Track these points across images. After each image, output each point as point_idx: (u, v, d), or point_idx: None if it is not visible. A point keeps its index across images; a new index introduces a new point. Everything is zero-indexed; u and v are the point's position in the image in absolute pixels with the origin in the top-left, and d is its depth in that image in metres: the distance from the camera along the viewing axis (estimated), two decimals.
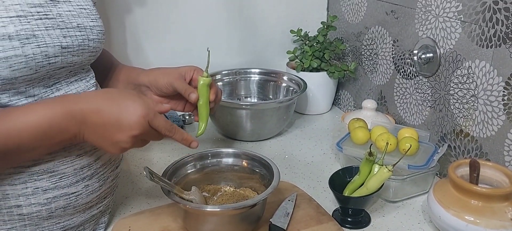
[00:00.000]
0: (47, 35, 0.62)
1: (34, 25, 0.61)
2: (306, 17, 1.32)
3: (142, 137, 0.65)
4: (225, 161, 0.83)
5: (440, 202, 0.75)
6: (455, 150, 0.94)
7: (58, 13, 0.65)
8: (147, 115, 0.64)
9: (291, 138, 1.15)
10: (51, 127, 0.60)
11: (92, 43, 0.69)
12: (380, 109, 1.14)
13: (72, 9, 0.68)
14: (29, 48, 0.60)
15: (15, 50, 0.59)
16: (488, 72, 0.84)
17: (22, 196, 0.64)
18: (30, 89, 0.63)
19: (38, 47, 0.61)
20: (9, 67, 0.58)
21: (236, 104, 1.14)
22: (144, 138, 0.66)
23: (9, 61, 0.58)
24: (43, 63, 0.62)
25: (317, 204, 0.84)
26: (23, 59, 0.59)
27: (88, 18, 0.69)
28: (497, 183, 0.78)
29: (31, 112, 0.60)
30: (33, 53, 0.60)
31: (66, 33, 0.65)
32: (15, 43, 0.59)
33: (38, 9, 0.63)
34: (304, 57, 1.25)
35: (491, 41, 0.82)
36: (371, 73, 1.18)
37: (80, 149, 0.68)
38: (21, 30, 0.60)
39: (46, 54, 0.62)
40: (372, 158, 0.79)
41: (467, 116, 0.90)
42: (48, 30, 0.63)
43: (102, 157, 0.72)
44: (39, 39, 0.61)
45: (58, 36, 0.64)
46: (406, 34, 1.04)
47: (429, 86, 0.99)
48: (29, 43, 0.60)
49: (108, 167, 0.74)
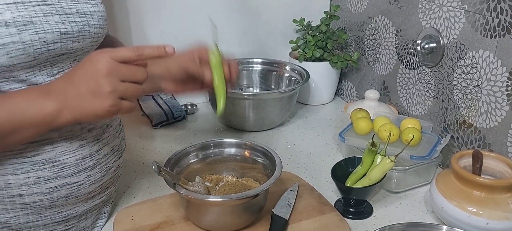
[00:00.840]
0: (45, 22, 0.62)
1: (31, 11, 0.61)
2: (308, 7, 1.31)
3: (116, 74, 0.59)
4: (227, 151, 0.83)
5: (442, 193, 0.75)
6: (458, 140, 0.93)
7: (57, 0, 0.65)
8: (104, 51, 0.60)
9: (293, 128, 1.15)
10: (28, 103, 0.59)
11: (93, 28, 0.69)
12: (383, 100, 1.14)
13: None
14: (26, 34, 0.59)
15: (12, 37, 0.58)
16: (492, 62, 0.83)
17: (25, 185, 0.64)
18: (32, 78, 0.63)
19: (35, 34, 0.60)
20: (6, 54, 0.58)
21: (238, 94, 1.13)
22: (120, 76, 0.60)
23: (6, 48, 0.58)
24: (41, 49, 0.61)
25: (319, 194, 0.84)
26: (21, 46, 0.59)
27: (88, 4, 0.68)
28: (500, 174, 0.77)
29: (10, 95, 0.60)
30: (31, 39, 0.60)
31: (65, 19, 0.64)
32: (12, 29, 0.58)
33: None
34: (306, 47, 1.24)
35: (495, 31, 0.81)
36: (374, 63, 1.18)
37: (82, 140, 0.68)
38: (18, 16, 0.59)
39: (44, 40, 0.61)
40: (374, 148, 0.79)
41: (470, 107, 0.89)
42: (47, 16, 0.62)
43: (104, 147, 0.72)
44: (37, 25, 0.61)
45: (57, 22, 0.63)
46: (410, 24, 1.03)
47: (432, 77, 0.98)
48: (27, 29, 0.60)
49: (111, 157, 0.74)
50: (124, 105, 0.61)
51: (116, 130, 0.76)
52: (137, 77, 0.62)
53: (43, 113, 0.59)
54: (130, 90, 0.61)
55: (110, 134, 0.74)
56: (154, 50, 0.63)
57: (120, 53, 0.60)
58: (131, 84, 0.61)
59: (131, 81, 0.61)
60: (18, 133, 0.60)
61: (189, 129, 1.14)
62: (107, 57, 0.59)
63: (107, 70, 0.59)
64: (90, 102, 0.59)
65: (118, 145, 0.76)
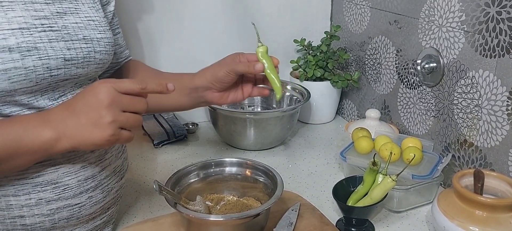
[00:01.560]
0: (50, 48, 0.62)
1: (36, 37, 0.61)
2: (309, 27, 1.32)
3: (117, 105, 0.60)
4: (228, 170, 0.83)
5: (444, 213, 0.75)
6: (459, 159, 0.93)
7: (63, 25, 0.65)
8: (108, 82, 0.60)
9: (294, 147, 1.15)
10: (26, 131, 0.58)
11: (99, 55, 0.69)
12: (384, 119, 1.14)
13: (80, 21, 0.67)
14: (29, 60, 0.60)
15: (14, 62, 0.58)
16: (492, 82, 0.84)
17: (26, 206, 0.64)
18: (34, 102, 0.63)
19: (39, 60, 0.61)
20: (8, 79, 0.58)
21: (239, 113, 1.14)
22: (121, 106, 0.60)
23: (8, 73, 0.58)
24: (44, 75, 0.61)
25: (320, 213, 0.83)
26: (23, 71, 0.59)
27: (95, 30, 0.69)
28: (501, 193, 0.77)
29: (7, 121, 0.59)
30: (34, 65, 0.60)
31: (71, 46, 0.65)
32: (15, 55, 0.58)
33: (43, 22, 0.63)
34: (307, 66, 1.25)
35: (495, 51, 0.82)
36: (375, 83, 1.18)
37: (85, 161, 0.68)
38: (23, 42, 0.59)
39: (47, 66, 0.61)
40: (376, 167, 0.79)
41: (471, 126, 0.90)
42: (52, 42, 0.63)
43: (106, 168, 0.72)
44: (41, 51, 0.61)
45: (62, 49, 0.63)
46: (410, 44, 1.04)
47: (433, 96, 0.99)
48: (30, 55, 0.60)
49: (113, 178, 0.74)
50: (124, 135, 0.61)
51: (118, 150, 0.76)
52: (137, 108, 0.62)
53: (40, 141, 0.59)
54: (130, 121, 0.61)
55: (113, 154, 0.74)
56: (156, 86, 0.64)
57: (123, 85, 0.61)
58: (131, 115, 0.61)
59: (131, 111, 0.61)
60: (14, 160, 0.59)
61: (190, 148, 1.15)
62: (110, 88, 0.59)
63: (109, 101, 0.59)
64: (90, 132, 0.59)
65: (120, 166, 0.76)
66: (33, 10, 0.62)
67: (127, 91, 0.61)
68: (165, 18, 1.17)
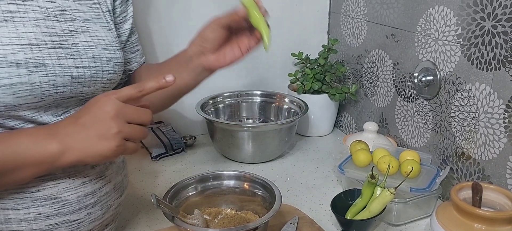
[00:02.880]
0: (58, 65, 0.62)
1: (45, 53, 0.61)
2: (307, 40, 1.33)
3: (123, 116, 0.60)
4: (226, 183, 0.83)
5: (443, 226, 0.75)
6: (457, 172, 0.93)
7: (74, 43, 0.65)
8: (110, 94, 0.61)
9: (292, 160, 1.15)
10: (34, 144, 0.59)
11: (107, 75, 0.69)
12: (382, 132, 1.14)
13: (90, 39, 0.67)
14: (36, 76, 0.60)
15: (21, 78, 0.58)
16: (489, 95, 0.84)
17: (24, 221, 0.63)
18: (38, 117, 0.63)
19: (46, 76, 0.61)
20: (13, 94, 0.58)
21: (237, 126, 1.14)
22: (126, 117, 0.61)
23: (13, 88, 0.58)
24: (49, 92, 0.62)
25: (319, 227, 0.83)
26: (29, 87, 0.59)
27: (105, 50, 0.69)
28: (500, 206, 0.77)
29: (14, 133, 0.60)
30: (40, 81, 0.60)
31: (79, 64, 0.65)
32: (22, 70, 0.58)
33: (53, 38, 0.63)
34: (305, 79, 1.26)
35: (491, 64, 0.83)
36: (372, 96, 1.19)
37: (85, 177, 0.67)
38: (31, 58, 0.59)
39: (54, 83, 0.62)
40: (374, 180, 0.79)
41: (468, 139, 0.90)
42: (60, 59, 0.63)
43: (106, 185, 0.71)
44: (48, 68, 0.61)
45: (70, 66, 0.63)
46: (406, 57, 1.05)
47: (430, 109, 0.99)
48: (37, 71, 0.60)
49: (112, 194, 0.73)
50: (129, 146, 0.62)
51: (119, 166, 0.76)
52: (142, 119, 0.63)
53: (46, 154, 0.59)
54: (136, 132, 0.62)
55: (113, 171, 0.73)
56: (154, 83, 0.63)
57: (123, 93, 0.62)
58: (136, 126, 0.62)
59: (136, 123, 0.62)
60: (18, 172, 0.59)
61: (188, 161, 1.14)
62: (113, 99, 0.60)
63: (114, 112, 0.60)
64: (97, 144, 0.60)
65: (120, 182, 0.76)
66: (44, 26, 0.62)
67: (128, 98, 0.62)
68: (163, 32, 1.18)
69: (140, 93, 0.62)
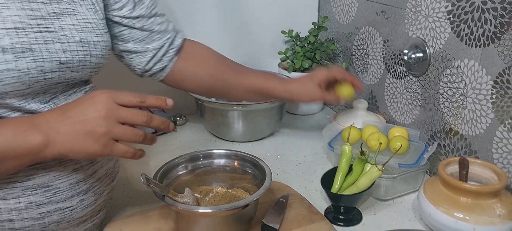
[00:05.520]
0: (45, 49, 0.60)
1: (32, 38, 0.59)
2: (297, 18, 1.32)
3: (114, 116, 0.58)
4: (217, 162, 0.83)
5: (430, 200, 0.76)
6: (444, 148, 0.95)
7: (60, 27, 0.62)
8: (106, 92, 0.59)
9: (283, 138, 1.16)
10: (15, 135, 0.56)
11: (95, 59, 0.67)
12: (371, 109, 1.15)
13: (77, 22, 0.65)
14: (23, 62, 0.57)
15: (7, 64, 0.56)
16: (477, 71, 0.85)
17: (15, 210, 0.62)
18: (25, 105, 0.61)
19: (33, 62, 0.58)
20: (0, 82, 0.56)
21: (227, 105, 1.14)
22: (118, 118, 0.59)
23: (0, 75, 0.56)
24: (37, 78, 0.59)
25: (309, 203, 0.84)
26: (16, 74, 0.57)
27: (92, 33, 0.66)
28: (486, 180, 0.78)
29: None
30: (28, 67, 0.58)
31: (67, 48, 0.62)
32: (8, 56, 0.56)
33: (39, 22, 0.60)
34: (295, 57, 1.25)
35: (480, 41, 0.83)
36: (362, 73, 1.19)
37: (76, 164, 0.66)
38: (17, 42, 0.57)
39: (42, 69, 0.59)
40: (364, 157, 0.80)
41: (456, 115, 0.91)
42: (47, 44, 0.60)
43: (98, 171, 0.70)
44: (36, 53, 0.59)
45: (58, 51, 0.61)
46: (396, 34, 1.04)
47: (419, 86, 1.00)
48: (24, 57, 0.58)
49: (105, 180, 0.72)
50: (118, 148, 0.60)
51: None
52: (136, 121, 0.60)
53: (29, 146, 0.57)
54: (127, 134, 0.60)
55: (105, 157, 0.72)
56: (156, 100, 0.63)
57: (122, 96, 0.60)
58: (128, 128, 0.60)
59: (129, 124, 0.60)
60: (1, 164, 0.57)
61: (178, 140, 1.14)
62: (108, 98, 0.58)
63: (106, 112, 0.58)
64: (82, 141, 0.58)
65: (112, 168, 0.75)
66: (29, 9, 0.60)
67: (126, 103, 0.60)
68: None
69: (141, 104, 0.61)
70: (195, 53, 0.88)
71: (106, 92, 0.59)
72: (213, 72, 0.89)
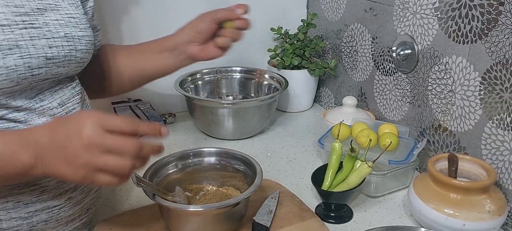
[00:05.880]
0: (32, 46, 0.59)
1: (18, 35, 0.58)
2: (286, 15, 1.32)
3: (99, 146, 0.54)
4: (207, 160, 0.83)
5: (420, 196, 0.77)
6: (434, 144, 0.95)
7: (44, 22, 0.62)
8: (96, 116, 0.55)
9: (273, 136, 1.15)
10: (1, 154, 0.55)
11: (80, 53, 0.66)
12: (361, 106, 1.16)
13: (60, 18, 0.65)
14: (11, 59, 0.57)
15: None
16: (465, 67, 0.85)
17: (3, 210, 0.61)
18: (12, 102, 0.60)
19: (20, 58, 0.58)
20: None
21: (217, 102, 1.13)
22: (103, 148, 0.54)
23: None
24: (25, 75, 0.59)
25: (300, 200, 0.84)
26: (4, 71, 0.56)
27: (76, 28, 0.66)
28: (475, 176, 0.79)
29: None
30: (15, 64, 0.57)
31: (52, 44, 0.62)
32: None
33: (24, 18, 0.60)
34: (285, 55, 1.25)
35: (468, 37, 0.84)
36: (351, 70, 1.19)
37: None
38: (4, 40, 0.57)
39: (29, 65, 0.59)
40: (354, 154, 0.80)
41: (445, 111, 0.92)
42: (33, 40, 0.60)
43: None
44: (22, 49, 0.58)
45: (43, 47, 0.61)
46: (385, 31, 1.05)
47: (408, 82, 1.00)
48: (12, 54, 0.57)
49: None
50: (99, 179, 0.55)
51: None
52: (123, 152, 0.55)
53: (17, 165, 0.55)
54: (110, 165, 0.54)
55: None
56: (149, 129, 0.59)
57: (112, 123, 0.55)
58: (113, 159, 0.54)
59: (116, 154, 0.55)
60: None
61: (168, 139, 1.13)
62: (96, 125, 0.54)
63: (89, 140, 0.53)
64: (63, 167, 0.55)
65: None
66: (13, 6, 0.59)
67: (115, 130, 0.55)
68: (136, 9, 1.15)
69: (133, 132, 0.57)
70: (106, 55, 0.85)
71: (95, 116, 0.55)
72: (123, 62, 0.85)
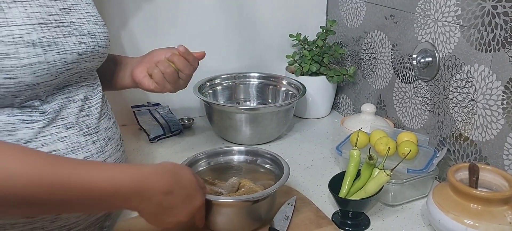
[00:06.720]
0: (66, 42, 0.64)
1: (53, 32, 0.63)
2: (305, 22, 1.32)
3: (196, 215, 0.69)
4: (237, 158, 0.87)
5: (439, 206, 0.75)
6: (454, 154, 0.94)
7: (71, 21, 0.67)
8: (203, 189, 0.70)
9: (290, 142, 1.15)
10: (115, 196, 0.57)
11: (101, 49, 0.72)
12: (379, 113, 1.15)
13: (82, 16, 0.70)
14: (50, 55, 0.62)
15: (38, 57, 0.60)
16: (487, 76, 0.84)
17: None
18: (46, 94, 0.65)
19: (58, 54, 0.63)
20: (33, 74, 0.60)
21: (235, 108, 1.14)
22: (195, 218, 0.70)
23: (33, 67, 0.60)
24: (62, 69, 0.64)
25: (316, 207, 0.83)
26: (46, 66, 0.61)
27: (96, 25, 0.71)
28: (496, 187, 0.78)
29: (94, 171, 0.56)
30: (54, 60, 0.62)
31: (81, 40, 0.67)
32: (38, 50, 0.60)
33: (55, 17, 0.65)
34: (303, 61, 1.25)
35: (490, 46, 0.82)
36: (370, 78, 1.19)
37: (87, 152, 0.68)
38: (43, 37, 0.61)
39: (65, 61, 0.64)
40: (372, 162, 0.79)
41: (466, 120, 0.90)
42: (66, 37, 0.65)
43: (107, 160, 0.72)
44: (59, 46, 0.63)
45: (75, 43, 0.66)
46: (405, 39, 1.04)
47: (428, 91, 0.99)
48: (51, 50, 0.62)
49: None
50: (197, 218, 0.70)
51: (117, 143, 0.77)
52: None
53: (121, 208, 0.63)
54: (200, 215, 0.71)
55: (113, 146, 0.74)
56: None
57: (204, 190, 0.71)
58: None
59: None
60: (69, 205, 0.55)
61: (186, 142, 1.14)
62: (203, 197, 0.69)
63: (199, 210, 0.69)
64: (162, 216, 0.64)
65: (119, 158, 0.77)
66: (46, 6, 0.64)
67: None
68: (158, 16, 1.17)
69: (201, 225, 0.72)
70: None
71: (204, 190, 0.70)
72: None
